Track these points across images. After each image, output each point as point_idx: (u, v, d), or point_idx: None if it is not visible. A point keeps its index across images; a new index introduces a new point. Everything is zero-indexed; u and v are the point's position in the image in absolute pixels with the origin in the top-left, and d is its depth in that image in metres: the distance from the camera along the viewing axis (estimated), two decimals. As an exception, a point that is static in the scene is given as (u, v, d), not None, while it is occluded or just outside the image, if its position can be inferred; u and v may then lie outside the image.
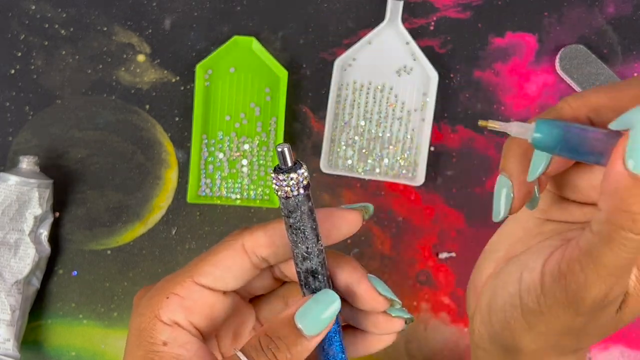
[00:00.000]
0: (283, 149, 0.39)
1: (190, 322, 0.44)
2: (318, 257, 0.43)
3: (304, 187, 0.40)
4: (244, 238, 0.44)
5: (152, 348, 0.43)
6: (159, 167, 0.71)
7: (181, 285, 0.44)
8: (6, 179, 0.66)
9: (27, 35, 0.71)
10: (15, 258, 0.66)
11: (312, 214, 0.41)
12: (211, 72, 0.70)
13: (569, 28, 0.71)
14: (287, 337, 0.41)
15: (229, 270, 0.44)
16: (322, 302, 0.42)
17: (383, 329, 0.46)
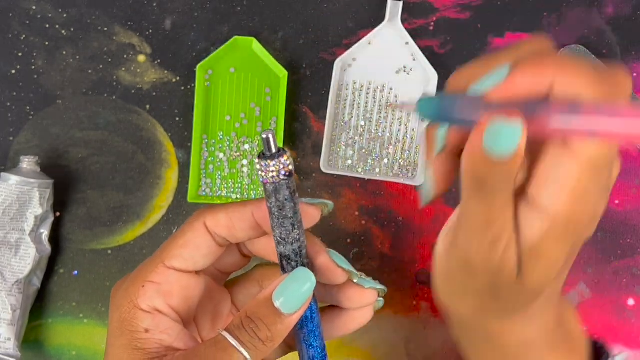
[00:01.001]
0: (268, 136, 0.41)
1: (169, 306, 0.45)
2: (293, 244, 0.44)
3: (284, 174, 0.41)
4: (206, 218, 0.45)
5: (135, 336, 0.44)
6: (160, 167, 0.71)
7: (154, 271, 0.45)
8: (7, 179, 0.66)
9: (27, 36, 0.71)
10: (16, 258, 0.66)
11: (290, 202, 0.42)
12: (211, 72, 0.70)
13: (569, 28, 0.71)
14: (267, 316, 0.43)
15: (197, 250, 0.46)
16: (297, 280, 0.43)
17: (357, 301, 0.48)
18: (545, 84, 0.37)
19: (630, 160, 0.71)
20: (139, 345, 0.44)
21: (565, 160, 0.39)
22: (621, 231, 0.71)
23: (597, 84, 0.36)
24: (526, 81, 0.37)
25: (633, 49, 0.71)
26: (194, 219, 0.46)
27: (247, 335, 0.42)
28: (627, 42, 0.71)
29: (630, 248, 0.71)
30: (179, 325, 0.46)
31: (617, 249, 0.71)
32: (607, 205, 0.42)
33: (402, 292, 0.71)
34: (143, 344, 0.44)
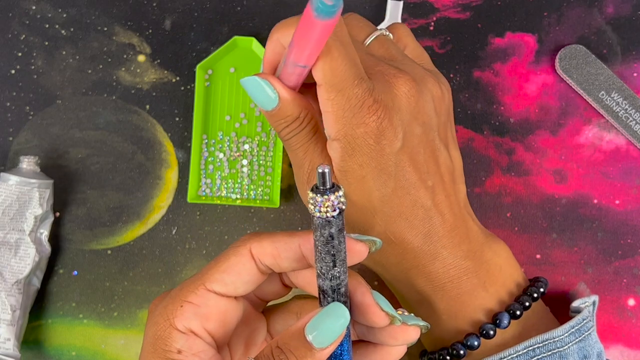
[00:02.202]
0: (324, 170, 0.40)
1: (205, 329, 0.45)
2: (332, 280, 0.43)
3: (335, 211, 0.41)
4: (252, 244, 0.45)
5: (167, 356, 0.44)
6: (159, 167, 0.71)
7: (194, 293, 0.45)
8: (6, 179, 0.66)
9: (27, 36, 0.71)
10: (15, 258, 0.66)
11: (336, 239, 0.42)
12: (211, 73, 0.70)
13: (569, 28, 0.71)
14: (298, 348, 0.42)
15: (239, 276, 0.45)
16: (331, 315, 0.43)
17: (400, 339, 0.47)
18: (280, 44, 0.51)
19: (631, 160, 0.71)
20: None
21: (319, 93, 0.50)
22: (622, 231, 0.70)
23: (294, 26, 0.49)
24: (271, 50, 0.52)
25: (633, 49, 0.71)
26: (240, 244, 0.46)
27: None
28: (627, 42, 0.71)
29: (630, 248, 0.70)
30: (212, 350, 0.45)
31: (617, 249, 0.70)
32: None
33: (402, 293, 0.71)
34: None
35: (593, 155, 0.71)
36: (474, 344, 0.53)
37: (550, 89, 0.71)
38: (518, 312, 0.54)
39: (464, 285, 0.54)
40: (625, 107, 0.69)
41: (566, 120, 0.71)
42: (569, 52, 0.70)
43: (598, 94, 0.70)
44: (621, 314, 0.70)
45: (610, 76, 0.70)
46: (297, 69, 0.49)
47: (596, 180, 0.71)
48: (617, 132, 0.71)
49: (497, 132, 0.71)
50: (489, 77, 0.71)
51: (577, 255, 0.70)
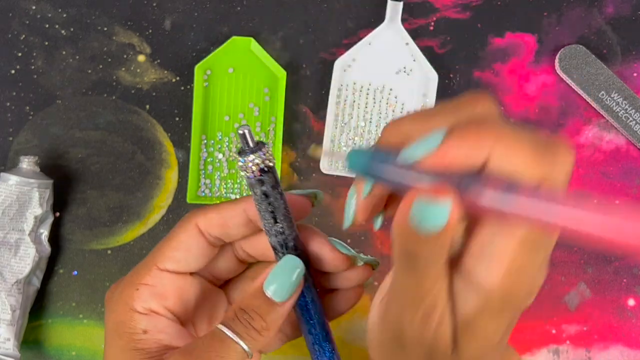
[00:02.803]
0: (244, 131, 0.41)
1: (165, 307, 0.46)
2: (277, 237, 0.44)
3: (260, 169, 0.42)
4: (198, 219, 0.46)
5: (133, 337, 0.45)
6: (159, 167, 0.71)
7: (148, 274, 0.46)
8: (6, 179, 0.66)
9: (27, 36, 0.71)
10: (15, 258, 0.66)
11: (270, 196, 0.43)
12: (210, 73, 0.70)
13: (569, 28, 0.71)
14: (260, 306, 0.43)
15: (189, 251, 0.46)
16: (285, 267, 0.44)
17: (355, 279, 0.48)
18: (480, 156, 0.33)
19: (631, 160, 0.71)
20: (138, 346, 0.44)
21: (501, 235, 0.36)
22: (621, 231, 0.70)
23: (536, 162, 0.33)
24: (460, 152, 0.34)
25: (633, 49, 0.71)
26: (186, 221, 0.46)
27: (242, 326, 0.43)
28: (627, 42, 0.71)
29: (630, 248, 0.70)
30: (177, 325, 0.46)
31: (617, 250, 0.70)
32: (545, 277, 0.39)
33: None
34: (142, 344, 0.44)
35: (593, 155, 0.71)
36: None
37: (550, 89, 0.71)
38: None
39: None
40: (625, 107, 0.69)
41: (566, 120, 0.71)
42: (569, 52, 0.70)
43: (598, 94, 0.69)
44: (621, 314, 0.70)
45: (610, 76, 0.69)
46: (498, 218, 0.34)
47: (596, 180, 0.71)
48: (617, 132, 0.71)
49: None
50: (489, 77, 0.71)
51: (577, 255, 0.70)
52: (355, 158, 0.38)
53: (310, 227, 0.47)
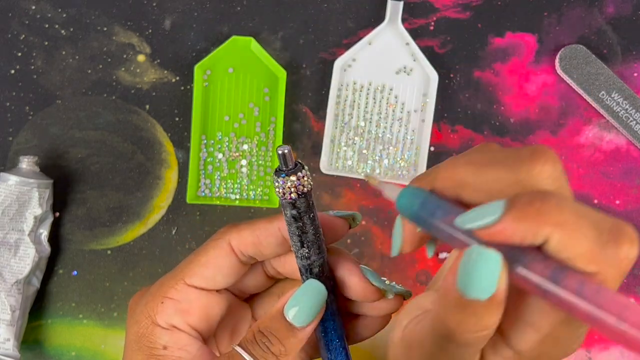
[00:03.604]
0: (283, 151, 0.40)
1: (188, 324, 0.45)
2: (302, 260, 0.43)
3: (293, 192, 0.41)
4: (231, 236, 0.45)
5: (153, 352, 0.44)
6: (159, 167, 0.71)
7: (174, 288, 0.45)
8: (6, 179, 0.66)
9: (27, 36, 0.71)
10: (15, 258, 0.66)
11: (296, 220, 0.42)
12: (210, 73, 0.70)
13: (569, 28, 0.71)
14: (279, 330, 0.42)
15: (219, 269, 0.45)
16: (307, 292, 0.43)
17: (383, 310, 0.47)
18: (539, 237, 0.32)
19: (631, 160, 0.70)
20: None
21: (544, 311, 0.35)
22: (622, 232, 0.70)
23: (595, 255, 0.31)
24: (519, 231, 0.32)
25: (633, 49, 0.71)
26: (218, 237, 0.45)
27: (260, 350, 0.42)
28: (627, 42, 0.71)
29: (631, 248, 0.70)
30: (198, 342, 0.45)
31: (617, 250, 0.70)
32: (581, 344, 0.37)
33: (402, 293, 0.71)
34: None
35: (593, 155, 0.71)
36: None
37: (550, 89, 0.71)
38: None
39: None
40: (625, 107, 0.69)
41: (566, 120, 0.71)
42: (569, 52, 0.70)
43: (598, 94, 0.69)
44: (621, 315, 0.70)
45: (611, 76, 0.69)
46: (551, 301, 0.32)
47: (596, 180, 0.71)
48: (617, 132, 0.71)
49: (497, 132, 0.71)
50: (489, 77, 0.71)
51: None
52: (407, 200, 0.36)
53: (343, 253, 0.46)
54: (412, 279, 0.71)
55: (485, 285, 0.32)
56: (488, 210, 0.33)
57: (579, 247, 0.31)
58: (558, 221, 0.31)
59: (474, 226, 0.33)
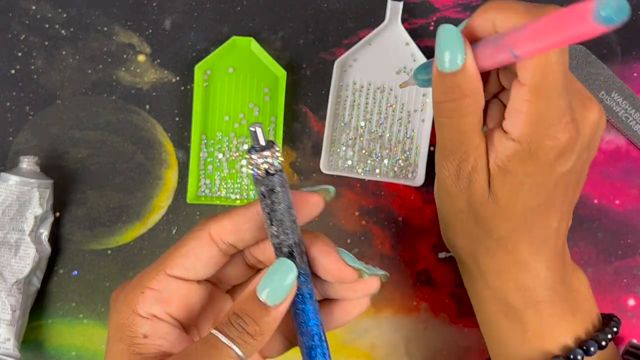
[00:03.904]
0: (255, 128, 0.41)
1: (168, 314, 0.46)
2: (272, 239, 0.44)
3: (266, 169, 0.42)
4: (210, 226, 0.46)
5: (134, 341, 0.45)
6: (159, 167, 0.71)
7: (155, 279, 0.46)
8: (6, 179, 0.66)
9: (27, 36, 0.71)
10: (15, 258, 0.66)
11: (264, 198, 0.43)
12: (210, 73, 0.70)
13: (569, 28, 0.71)
14: (253, 310, 0.43)
15: (199, 259, 0.46)
16: (278, 270, 0.44)
17: (360, 291, 0.48)
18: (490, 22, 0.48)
19: (631, 160, 0.71)
20: (137, 350, 0.44)
21: (517, 90, 0.47)
22: (622, 231, 0.70)
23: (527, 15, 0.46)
24: (477, 24, 0.49)
25: (633, 49, 0.71)
26: (198, 228, 0.46)
27: (235, 331, 0.43)
28: (627, 42, 0.71)
29: (630, 248, 0.70)
30: (178, 331, 0.46)
31: (617, 249, 0.70)
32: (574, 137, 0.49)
33: (402, 292, 0.71)
34: (141, 349, 0.44)
35: (593, 155, 0.71)
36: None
37: (550, 89, 0.71)
38: (604, 343, 0.54)
39: (555, 307, 0.54)
40: (625, 107, 0.69)
41: (566, 120, 0.71)
42: (569, 52, 0.70)
43: (598, 94, 0.69)
44: (621, 314, 0.70)
45: (610, 76, 0.69)
46: (506, 57, 0.45)
47: (596, 180, 0.71)
48: (617, 132, 0.71)
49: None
50: (489, 77, 0.71)
51: (577, 255, 0.70)
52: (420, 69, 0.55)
53: (318, 234, 0.47)
54: (412, 279, 0.71)
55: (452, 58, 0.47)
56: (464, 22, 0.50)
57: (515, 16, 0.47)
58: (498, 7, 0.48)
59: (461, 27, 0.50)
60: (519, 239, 0.53)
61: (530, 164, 0.49)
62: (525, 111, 0.47)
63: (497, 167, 0.50)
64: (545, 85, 0.46)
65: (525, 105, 0.47)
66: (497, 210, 0.51)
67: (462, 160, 0.50)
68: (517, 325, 0.55)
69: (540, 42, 0.42)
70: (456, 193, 0.52)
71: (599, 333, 0.55)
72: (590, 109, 0.51)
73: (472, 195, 0.51)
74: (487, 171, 0.50)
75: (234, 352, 0.42)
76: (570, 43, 0.42)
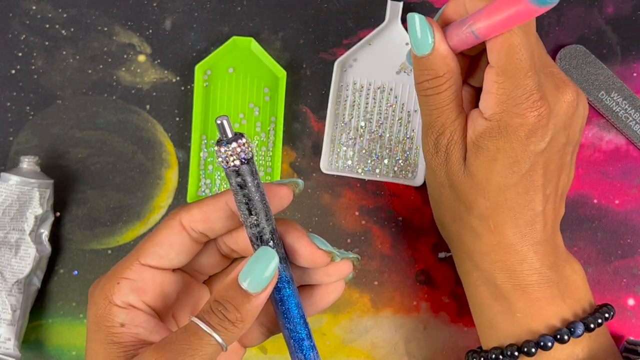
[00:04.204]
0: (222, 121, 0.42)
1: (144, 302, 0.46)
2: (252, 228, 0.44)
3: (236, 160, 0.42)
4: (181, 215, 0.47)
5: (111, 330, 0.45)
6: (160, 167, 0.71)
7: (129, 269, 0.47)
8: (7, 179, 0.66)
9: (27, 36, 0.71)
10: (16, 258, 0.66)
11: (242, 188, 0.43)
12: (210, 73, 0.70)
13: (568, 28, 0.71)
14: (234, 298, 0.43)
15: (171, 248, 0.47)
16: (260, 259, 0.44)
17: (334, 275, 0.49)
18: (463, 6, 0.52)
19: (630, 160, 0.71)
20: (114, 339, 0.45)
21: (487, 72, 0.51)
22: (621, 231, 0.70)
23: None
24: (452, 7, 0.53)
25: (633, 49, 0.71)
26: (170, 217, 0.47)
27: (216, 318, 0.43)
28: (627, 42, 0.71)
29: (630, 248, 0.70)
30: (155, 320, 0.47)
31: (617, 249, 0.70)
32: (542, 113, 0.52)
33: (402, 292, 0.71)
34: (119, 338, 0.45)
35: (593, 155, 0.71)
36: (548, 345, 0.54)
37: (550, 89, 0.71)
38: (592, 325, 0.55)
39: (544, 291, 0.55)
40: (625, 107, 0.69)
41: (566, 120, 0.71)
42: (569, 52, 0.70)
43: (598, 94, 0.70)
44: (621, 314, 0.70)
45: (610, 76, 0.69)
46: (469, 36, 0.50)
47: (596, 180, 0.71)
48: (616, 132, 0.71)
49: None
50: (488, 77, 0.71)
51: (577, 255, 0.70)
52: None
53: (289, 222, 0.47)
54: (412, 278, 0.71)
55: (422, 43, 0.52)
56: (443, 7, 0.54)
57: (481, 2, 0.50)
58: None
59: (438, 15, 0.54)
60: (500, 219, 0.54)
61: (501, 140, 0.52)
62: (494, 92, 0.51)
63: (471, 142, 0.53)
64: (510, 66, 0.50)
65: (494, 86, 0.51)
66: (473, 184, 0.54)
67: (440, 134, 0.54)
68: (506, 307, 0.56)
69: (490, 21, 0.47)
70: (436, 166, 0.56)
71: (589, 316, 0.55)
72: (564, 91, 0.53)
73: (450, 168, 0.55)
74: (463, 145, 0.54)
75: (214, 340, 0.43)
76: (517, 23, 0.47)
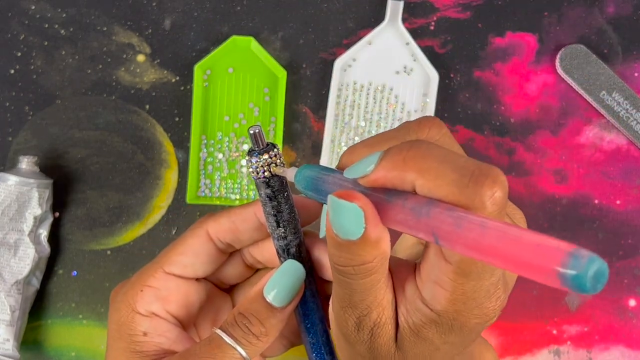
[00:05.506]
0: (255, 131, 0.41)
1: (167, 311, 0.46)
2: (279, 241, 0.44)
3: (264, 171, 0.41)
4: (208, 224, 0.46)
5: (133, 339, 0.45)
6: (159, 167, 0.71)
7: (153, 277, 0.46)
8: (6, 179, 0.66)
9: (27, 35, 0.71)
10: (15, 258, 0.66)
11: (271, 200, 0.42)
12: (210, 73, 0.70)
13: (569, 28, 0.71)
14: (259, 311, 0.43)
15: (197, 257, 0.46)
16: (286, 272, 0.43)
17: None
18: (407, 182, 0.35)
19: (631, 160, 0.70)
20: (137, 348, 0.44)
21: (439, 261, 0.37)
22: (622, 232, 0.70)
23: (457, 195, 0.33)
24: (388, 177, 0.35)
25: (634, 49, 0.71)
26: (196, 226, 0.46)
27: (240, 331, 0.42)
28: (627, 42, 0.71)
29: (631, 249, 0.70)
30: (178, 329, 0.46)
31: (618, 250, 0.70)
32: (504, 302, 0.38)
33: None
34: (141, 347, 0.44)
35: (594, 155, 0.71)
36: None
37: (550, 89, 0.71)
38: None
39: None
40: (626, 107, 0.69)
41: (567, 120, 0.71)
42: (570, 52, 0.70)
43: (599, 94, 0.69)
44: (622, 315, 0.70)
45: (611, 76, 0.69)
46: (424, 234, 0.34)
47: (597, 180, 0.71)
48: (617, 132, 0.71)
49: (497, 132, 0.71)
50: (489, 77, 0.71)
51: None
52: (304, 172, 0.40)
53: (316, 234, 0.46)
54: (412, 279, 0.71)
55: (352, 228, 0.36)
56: (368, 161, 0.36)
57: (441, 190, 0.34)
58: (421, 168, 0.34)
59: (356, 175, 0.37)
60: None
61: (451, 336, 0.40)
62: (449, 289, 0.37)
63: (409, 328, 0.41)
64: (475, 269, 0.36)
65: (449, 284, 0.37)
66: None
67: (363, 315, 0.41)
68: None
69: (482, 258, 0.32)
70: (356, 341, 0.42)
71: None
72: None
73: (376, 349, 0.42)
74: (394, 325, 0.41)
75: (237, 353, 0.42)
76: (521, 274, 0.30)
